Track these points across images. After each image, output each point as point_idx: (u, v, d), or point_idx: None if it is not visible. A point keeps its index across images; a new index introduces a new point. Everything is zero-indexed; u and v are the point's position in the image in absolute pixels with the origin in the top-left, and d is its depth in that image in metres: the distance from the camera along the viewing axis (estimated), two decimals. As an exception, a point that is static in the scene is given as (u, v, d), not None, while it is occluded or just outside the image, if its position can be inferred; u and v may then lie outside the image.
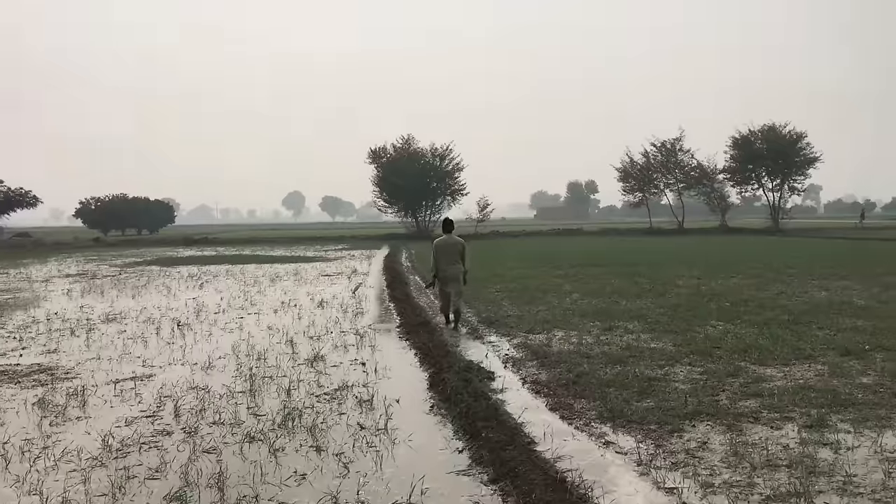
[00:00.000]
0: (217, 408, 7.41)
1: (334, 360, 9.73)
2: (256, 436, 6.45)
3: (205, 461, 5.83)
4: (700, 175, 64.55)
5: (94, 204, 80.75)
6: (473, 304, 14.92)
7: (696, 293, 15.31)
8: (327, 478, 5.44)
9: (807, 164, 61.83)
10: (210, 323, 13.37)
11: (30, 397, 8.06)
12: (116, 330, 12.76)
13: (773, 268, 21.13)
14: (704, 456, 5.62)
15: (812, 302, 13.43)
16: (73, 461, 5.93)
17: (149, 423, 6.99)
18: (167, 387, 8.36)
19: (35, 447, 6.31)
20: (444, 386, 7.85)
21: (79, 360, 10.12)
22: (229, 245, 52.54)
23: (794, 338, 9.94)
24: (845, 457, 5.46)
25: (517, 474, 5.21)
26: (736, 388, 7.49)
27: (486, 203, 61.78)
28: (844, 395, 7.05)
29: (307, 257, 35.37)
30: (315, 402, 7.60)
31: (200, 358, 10.03)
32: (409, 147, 60.70)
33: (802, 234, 51.48)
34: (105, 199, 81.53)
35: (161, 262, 33.84)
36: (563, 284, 18.08)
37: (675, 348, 9.62)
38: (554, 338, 10.77)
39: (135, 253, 43.14)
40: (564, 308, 13.73)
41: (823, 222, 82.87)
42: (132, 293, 19.24)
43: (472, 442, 6.11)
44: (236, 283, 21.43)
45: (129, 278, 24.36)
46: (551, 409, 7.13)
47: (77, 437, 6.56)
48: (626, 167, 65.83)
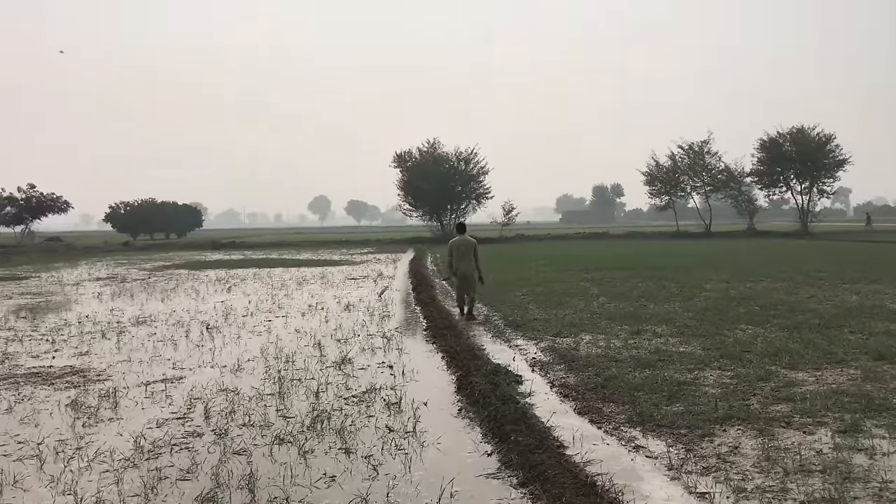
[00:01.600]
0: (247, 410, 7.46)
1: (362, 363, 9.77)
2: (286, 438, 6.49)
3: (235, 463, 5.88)
4: (727, 178, 64.00)
5: (124, 208, 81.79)
6: (499, 307, 14.91)
7: (725, 297, 15.17)
8: (357, 480, 5.46)
9: (836, 167, 60.99)
10: (238, 326, 13.48)
11: (63, 399, 8.17)
12: (146, 332, 12.91)
13: (802, 271, 20.88)
14: (736, 461, 5.56)
15: (843, 306, 13.24)
16: (106, 462, 6.00)
17: (179, 424, 7.06)
18: (197, 389, 8.44)
19: (69, 448, 6.40)
20: (471, 389, 7.85)
21: (110, 363, 10.25)
22: (256, 249, 52.93)
23: (826, 342, 9.80)
24: (881, 463, 5.38)
25: (547, 478, 5.19)
26: (767, 393, 7.41)
27: (511, 206, 61.67)
28: (879, 399, 6.94)
29: (333, 261, 35.54)
30: (343, 404, 7.63)
31: (229, 360, 10.12)
32: (434, 151, 60.84)
33: (832, 238, 50.84)
34: (134, 204, 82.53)
35: (189, 265, 34.18)
36: (589, 288, 18.00)
37: (704, 352, 9.53)
38: (581, 341, 10.72)
39: (163, 256, 43.62)
40: (592, 311, 13.66)
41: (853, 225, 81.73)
42: (161, 296, 19.45)
43: (501, 445, 6.10)
44: (264, 287, 21.58)
45: (159, 282, 24.64)
46: (580, 412, 7.09)
47: (109, 438, 6.64)
48: (651, 170, 65.43)
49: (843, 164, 60.76)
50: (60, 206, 65.75)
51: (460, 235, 14.36)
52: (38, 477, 5.72)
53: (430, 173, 58.50)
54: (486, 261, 22.31)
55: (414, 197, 60.78)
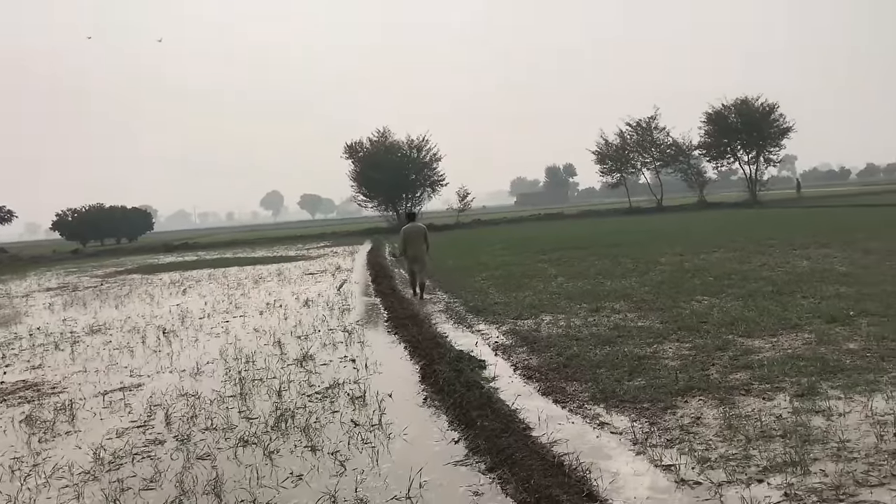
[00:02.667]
0: (209, 413, 7.35)
1: (324, 359, 9.69)
2: (250, 439, 6.41)
3: (200, 468, 5.78)
4: (676, 152, 64.89)
5: (71, 215, 79.88)
6: (460, 293, 14.92)
7: (680, 269, 15.38)
8: (324, 477, 5.41)
9: (780, 135, 62.22)
10: (196, 328, 13.27)
11: (17, 415, 7.97)
12: (101, 341, 12.64)
13: (753, 240, 21.26)
14: (699, 431, 5.64)
15: (795, 272, 13.52)
16: (66, 477, 5.87)
17: (140, 433, 6.93)
18: (157, 395, 8.28)
19: (25, 465, 6.25)
20: (435, 377, 7.84)
21: (65, 374, 10.02)
22: (210, 249, 52.18)
23: (780, 308, 10.00)
24: (837, 423, 5.50)
25: (514, 461, 5.21)
26: (725, 362, 7.53)
27: (465, 192, 61.82)
28: (833, 362, 7.10)
29: (289, 257, 35.21)
30: (307, 401, 7.56)
31: (188, 364, 9.96)
32: (385, 140, 60.51)
33: (780, 206, 51.90)
34: (82, 210, 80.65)
35: (142, 269, 33.56)
36: (547, 269, 18.10)
37: (662, 325, 9.65)
38: (542, 322, 10.77)
39: (115, 262, 42.74)
40: (551, 292, 13.74)
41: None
42: (115, 303, 19.07)
43: (468, 431, 6.10)
44: (219, 287, 21.29)
45: (111, 288, 24.15)
46: (544, 393, 7.13)
47: (68, 452, 6.49)
48: (601, 149, 66.03)
49: (787, 132, 61.99)
50: (3, 217, 64.03)
51: (411, 223, 15.97)
52: (-6, 497, 5.56)
53: (382, 163, 58.17)
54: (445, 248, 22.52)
55: (367, 187, 60.42)
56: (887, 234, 19.69)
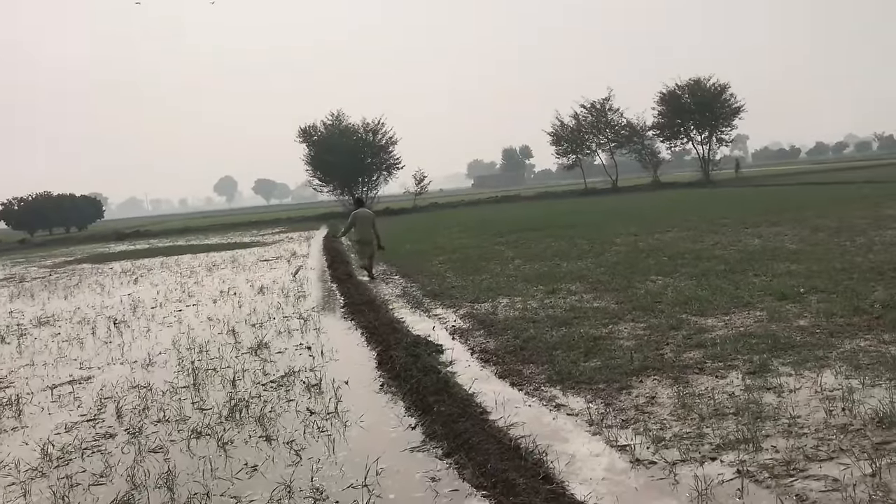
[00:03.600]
0: (161, 405, 7.21)
1: (279, 347, 9.57)
2: (203, 430, 6.29)
3: (151, 461, 5.66)
4: (630, 133, 65.55)
5: (17, 204, 77.79)
6: (417, 277, 14.87)
7: (634, 250, 15.52)
8: (279, 467, 5.34)
9: (732, 115, 63.27)
10: (148, 318, 13.02)
11: (-39, 411, 7.72)
12: (50, 333, 12.32)
13: (706, 219, 21.56)
14: (654, 411, 5.68)
15: (747, 250, 13.73)
16: (12, 474, 5.70)
17: (90, 427, 6.76)
18: (107, 388, 8.09)
19: (-31, 463, 6.05)
20: (392, 363, 7.79)
21: (11, 368, 9.75)
22: (162, 236, 51.34)
23: (732, 287, 10.13)
24: (788, 399, 5.59)
25: (471, 446, 5.19)
26: (679, 341, 7.60)
27: (422, 176, 61.68)
28: (784, 338, 7.21)
29: (244, 243, 34.78)
30: (262, 390, 7.46)
31: (140, 355, 9.75)
32: (339, 123, 59.98)
33: (732, 185, 52.76)
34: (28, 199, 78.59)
35: (92, 259, 32.85)
36: (504, 251, 18.13)
37: (617, 306, 9.72)
38: (499, 305, 10.78)
39: (64, 252, 41.77)
40: (507, 275, 13.76)
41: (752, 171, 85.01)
42: (64, 294, 18.62)
43: (425, 417, 6.07)
44: (172, 276, 20.92)
45: (60, 278, 23.58)
46: (501, 376, 7.13)
47: (14, 449, 6.30)
48: (557, 130, 66.38)
49: (738, 111, 63.08)
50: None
51: (360, 208, 16.97)
52: (-64, 498, 5.37)
53: (337, 146, 57.64)
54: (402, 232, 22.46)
55: (323, 172, 59.92)
56: (835, 211, 20.12)
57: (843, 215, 18.77)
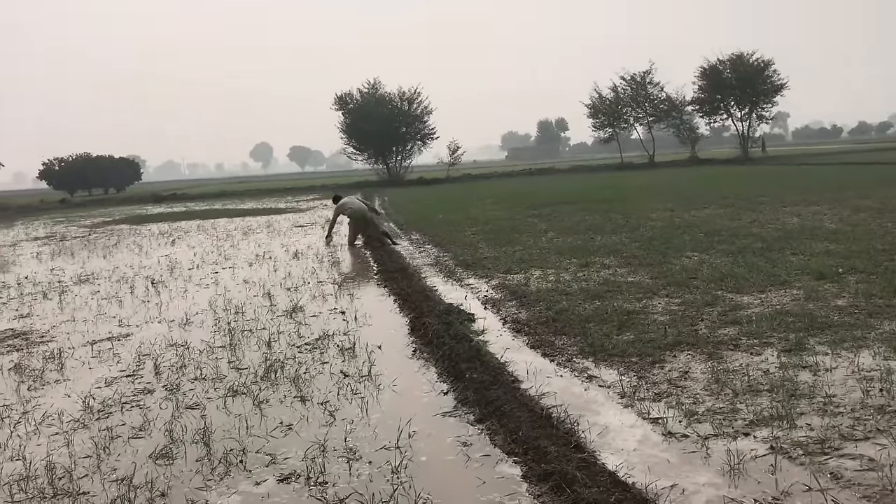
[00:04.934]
0: (198, 363, 7.34)
1: (313, 310, 9.68)
2: (239, 389, 6.41)
3: (189, 417, 5.79)
4: (669, 107, 64.57)
5: (59, 164, 79.06)
6: (449, 247, 14.90)
7: (670, 225, 15.38)
8: (314, 427, 5.43)
9: (774, 92, 61.97)
10: (185, 279, 13.22)
11: (6, 363, 7.94)
12: (89, 291, 12.58)
13: (744, 197, 21.25)
14: (687, 385, 5.67)
15: (785, 228, 13.53)
16: (55, 425, 5.86)
17: (129, 382, 6.91)
18: (145, 345, 8.27)
19: (14, 413, 6.23)
20: (425, 330, 7.84)
21: (53, 324, 9.98)
22: (199, 200, 51.85)
23: (769, 265, 10.02)
24: (824, 378, 5.54)
25: (503, 413, 5.23)
26: (714, 317, 7.55)
27: (456, 146, 61.44)
28: (821, 318, 7.13)
29: (279, 209, 35.06)
30: (296, 352, 7.56)
31: (177, 315, 9.93)
32: (376, 92, 59.87)
33: (772, 162, 51.87)
34: (69, 160, 79.79)
35: (130, 220, 33.35)
36: (537, 224, 18.07)
37: (651, 281, 9.66)
38: (532, 277, 10.77)
39: (103, 212, 42.46)
40: (540, 247, 13.73)
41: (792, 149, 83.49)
42: (103, 253, 18.96)
43: (457, 384, 6.12)
44: (209, 238, 21.18)
45: (99, 238, 24.00)
46: (533, 347, 7.15)
47: (57, 401, 6.48)
48: (595, 103, 65.62)
49: (780, 89, 61.74)
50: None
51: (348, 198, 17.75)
52: (-17, 444, 5.56)
53: (372, 115, 57.59)
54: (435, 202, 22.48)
55: (358, 140, 59.99)
56: (877, 192, 19.69)
57: (885, 196, 18.37)
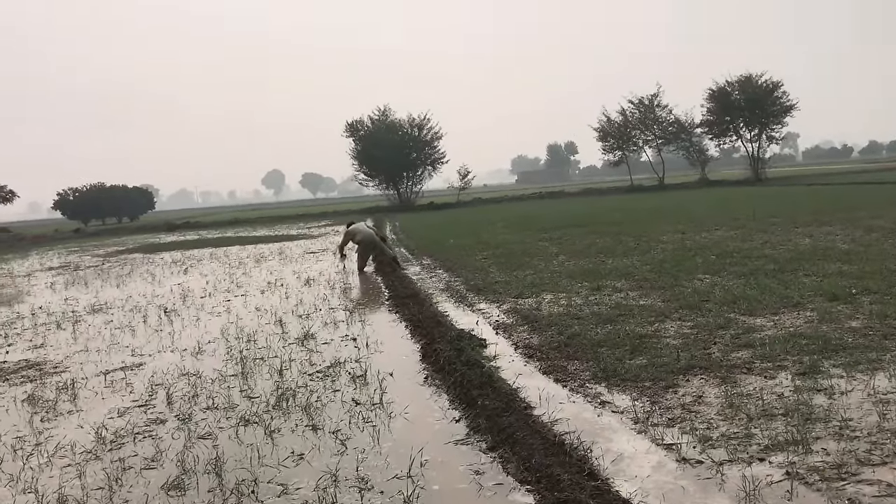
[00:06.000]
0: (210, 392, 7.35)
1: (325, 337, 9.68)
2: (251, 418, 6.40)
3: (201, 447, 5.78)
4: (678, 129, 64.63)
5: (73, 195, 79.85)
6: (461, 272, 14.89)
7: (682, 248, 15.33)
8: (325, 456, 5.41)
9: (783, 113, 61.93)
10: (197, 307, 13.27)
11: (19, 394, 7.97)
12: (103, 320, 12.64)
13: (755, 218, 21.19)
14: (700, 410, 5.63)
15: (797, 250, 13.47)
16: (67, 456, 5.87)
17: (142, 412, 6.93)
18: (158, 375, 8.28)
19: (27, 444, 6.25)
20: (436, 356, 7.83)
21: (67, 354, 10.02)
22: (211, 228, 52.18)
23: (782, 286, 9.96)
24: (840, 401, 5.49)
25: (515, 440, 5.20)
26: (727, 340, 7.51)
27: (466, 171, 61.60)
28: (835, 340, 7.07)
29: (291, 235, 35.19)
30: (308, 380, 7.56)
31: (190, 343, 9.96)
32: (386, 118, 60.35)
33: (782, 183, 51.75)
34: (83, 190, 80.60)
35: (144, 249, 33.56)
36: (548, 247, 18.06)
37: (663, 304, 9.62)
38: (543, 301, 10.75)
39: (117, 241, 42.76)
40: (552, 271, 13.71)
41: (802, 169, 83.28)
42: (116, 282, 19.06)
43: (469, 410, 6.09)
44: (221, 266, 21.27)
45: (113, 267, 24.14)
46: (545, 372, 7.12)
47: (70, 432, 6.49)
48: (604, 126, 65.75)
49: (790, 109, 61.69)
50: (5, 196, 63.97)
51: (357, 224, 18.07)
52: (-4, 476, 5.56)
53: (383, 141, 58.05)
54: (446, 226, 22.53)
55: (368, 166, 60.35)
56: (889, 212, 19.59)
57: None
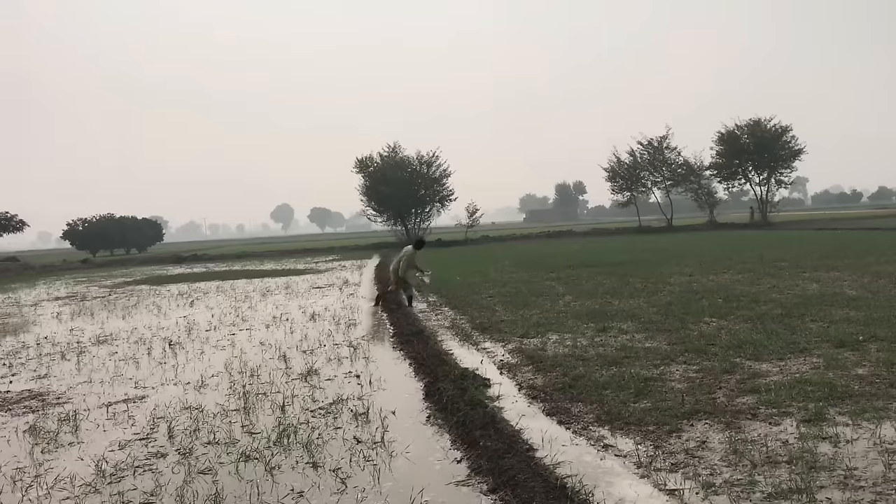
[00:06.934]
0: (211, 427, 7.32)
1: (328, 374, 9.66)
2: (252, 454, 6.38)
3: (200, 482, 5.75)
4: (687, 171, 64.84)
5: (82, 225, 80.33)
6: (466, 310, 14.88)
7: (689, 290, 15.30)
8: (325, 494, 5.38)
9: (792, 157, 62.19)
10: (202, 341, 13.27)
11: (21, 424, 7.96)
12: (107, 352, 12.65)
13: (763, 262, 21.15)
14: (704, 455, 5.57)
15: (804, 295, 13.43)
16: (67, 488, 5.84)
17: (142, 445, 6.90)
18: (160, 408, 8.27)
19: (27, 475, 6.23)
20: (439, 395, 7.80)
21: (70, 385, 10.02)
22: (219, 261, 52.34)
23: (788, 332, 9.92)
24: (845, 450, 5.43)
25: (517, 482, 5.16)
26: (732, 385, 7.46)
27: (475, 208, 61.78)
28: (841, 387, 7.02)
29: (298, 270, 35.25)
30: (310, 417, 7.53)
31: (193, 377, 9.94)
32: (395, 155, 60.88)
33: (791, 227, 51.72)
34: (93, 220, 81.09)
35: (151, 280, 33.65)
36: (555, 287, 18.05)
37: (669, 347, 9.58)
38: (548, 341, 10.72)
39: (124, 273, 42.90)
40: (558, 311, 13.68)
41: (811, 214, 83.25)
42: (122, 314, 19.10)
43: (471, 451, 6.06)
44: (227, 300, 21.31)
45: (119, 299, 24.20)
46: (548, 414, 7.07)
47: (70, 464, 6.47)
48: (613, 167, 66.05)
49: (798, 153, 62.00)
50: (15, 226, 64.34)
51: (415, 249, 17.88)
52: (-6, 508, 5.54)
53: (391, 178, 58.51)
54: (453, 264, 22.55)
55: (377, 202, 60.77)
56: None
57: (906, 262, 18.22)
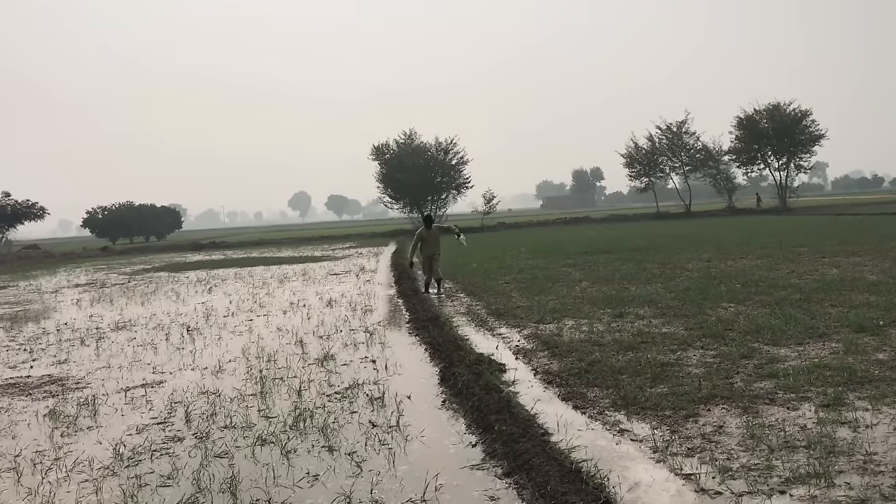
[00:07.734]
0: (228, 411, 7.37)
1: (344, 359, 9.69)
2: (268, 438, 6.41)
3: (217, 466, 5.79)
4: (706, 157, 64.32)
5: (102, 213, 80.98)
6: (482, 296, 14.86)
7: (706, 276, 15.19)
8: (340, 477, 5.39)
9: (812, 142, 61.47)
10: (219, 326, 13.35)
11: (41, 409, 8.04)
12: (126, 338, 12.75)
13: (782, 247, 20.96)
14: (721, 440, 5.54)
15: (823, 280, 13.29)
16: (85, 471, 5.90)
17: (160, 429, 6.96)
18: (178, 392, 8.33)
19: (47, 458, 6.29)
20: (455, 380, 7.79)
21: (89, 370, 10.11)
22: (237, 248, 52.65)
23: (807, 316, 9.82)
24: (864, 435, 5.37)
25: (532, 467, 5.15)
26: (750, 370, 7.40)
27: (491, 195, 61.63)
28: (860, 372, 6.95)
29: (315, 257, 35.37)
30: (326, 401, 7.55)
31: (210, 362, 10.01)
32: (412, 142, 60.68)
33: (810, 213, 51.21)
34: (112, 208, 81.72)
35: (169, 267, 33.89)
36: (571, 273, 17.98)
37: (686, 332, 9.52)
38: (564, 327, 10.68)
39: (143, 260, 43.23)
40: (574, 296, 13.63)
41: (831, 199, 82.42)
42: (141, 300, 19.25)
43: (486, 435, 6.05)
44: (245, 286, 21.42)
45: (138, 285, 24.39)
46: (564, 398, 7.05)
47: (88, 447, 6.53)
48: (631, 152, 65.63)
49: (818, 138, 61.28)
50: (36, 213, 65.03)
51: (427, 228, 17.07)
52: (15, 490, 5.60)
53: (408, 165, 58.35)
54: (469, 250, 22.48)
55: (394, 189, 60.64)
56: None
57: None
